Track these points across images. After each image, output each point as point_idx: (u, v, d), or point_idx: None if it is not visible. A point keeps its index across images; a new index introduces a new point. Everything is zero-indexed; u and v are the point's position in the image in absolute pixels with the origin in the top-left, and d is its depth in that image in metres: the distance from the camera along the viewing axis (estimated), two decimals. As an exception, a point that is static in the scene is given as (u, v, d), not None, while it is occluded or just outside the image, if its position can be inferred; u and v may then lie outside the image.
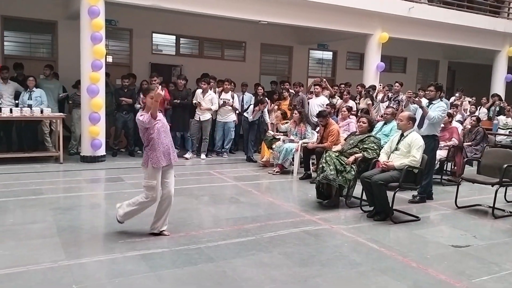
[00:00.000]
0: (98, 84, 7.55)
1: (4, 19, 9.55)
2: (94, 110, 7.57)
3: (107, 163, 7.80)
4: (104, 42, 7.62)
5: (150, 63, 11.13)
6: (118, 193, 5.76)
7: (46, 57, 10.25)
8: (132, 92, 8.61)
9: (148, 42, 11.21)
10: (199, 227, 4.51)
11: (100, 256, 3.64)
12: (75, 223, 4.46)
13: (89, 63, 7.46)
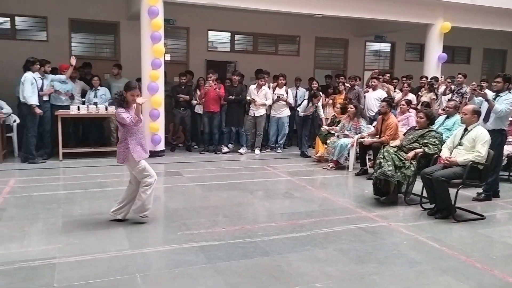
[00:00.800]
0: (158, 82, 7.85)
1: (71, 22, 10.16)
2: (154, 107, 7.88)
3: (166, 158, 8.10)
4: (163, 41, 7.90)
5: (206, 60, 11.38)
6: (176, 186, 5.98)
7: (109, 56, 10.80)
8: (189, 89, 8.85)
9: (204, 40, 11.46)
10: (254, 221, 4.57)
11: (161, 246, 3.81)
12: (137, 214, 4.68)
13: (149, 61, 7.77)
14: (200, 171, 7.05)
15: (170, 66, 9.84)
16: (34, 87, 6.98)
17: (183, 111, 8.74)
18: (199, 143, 9.24)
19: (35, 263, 3.32)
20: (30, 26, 10.17)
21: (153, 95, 7.83)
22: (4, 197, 5.13)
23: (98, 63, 9.93)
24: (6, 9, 9.52)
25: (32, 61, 7.06)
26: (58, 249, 3.60)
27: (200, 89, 8.68)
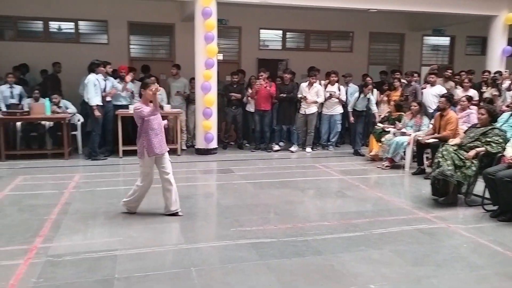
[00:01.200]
0: (211, 81, 8.02)
1: (130, 25, 10.61)
2: (207, 105, 8.05)
3: (218, 156, 8.25)
4: (216, 41, 8.05)
5: (257, 59, 11.46)
6: (228, 183, 6.09)
7: (165, 57, 11.16)
8: (241, 88, 8.95)
9: (256, 38, 11.54)
10: (306, 219, 4.56)
11: (214, 242, 3.90)
12: (192, 210, 4.83)
13: (203, 61, 7.95)
14: (251, 169, 7.12)
15: (222, 65, 9.99)
16: (97, 88, 7.36)
17: (235, 110, 8.85)
18: (250, 141, 9.32)
19: (98, 255, 3.51)
20: (92, 30, 10.74)
21: (205, 94, 8.01)
22: (70, 192, 5.47)
23: (154, 64, 10.29)
24: (70, 14, 10.12)
25: (97, 63, 7.44)
26: (119, 242, 3.80)
27: (251, 88, 8.76)
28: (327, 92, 8.69)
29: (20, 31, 10.19)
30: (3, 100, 7.93)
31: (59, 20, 10.34)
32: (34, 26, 10.33)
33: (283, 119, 8.72)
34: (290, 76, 8.76)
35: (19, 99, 8.06)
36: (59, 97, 8.00)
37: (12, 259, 3.39)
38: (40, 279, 3.07)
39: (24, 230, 4.05)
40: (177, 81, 8.84)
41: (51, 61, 9.44)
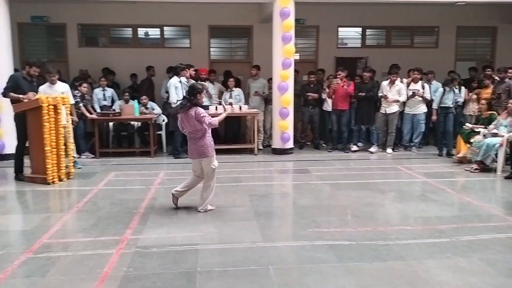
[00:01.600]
0: (288, 82, 8.05)
1: (211, 28, 11.00)
2: (284, 105, 8.10)
3: (294, 156, 8.26)
4: (293, 41, 8.06)
5: (335, 57, 11.27)
6: (305, 184, 6.07)
7: (243, 59, 11.41)
8: (318, 88, 8.88)
9: (334, 37, 11.36)
10: (387, 223, 4.40)
11: (292, 242, 3.91)
12: (269, 209, 4.89)
13: (280, 62, 8.01)
14: (328, 169, 7.04)
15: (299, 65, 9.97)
16: (179, 90, 7.74)
17: (312, 110, 8.80)
18: (327, 141, 9.22)
19: (181, 248, 3.70)
20: (176, 34, 11.31)
21: (282, 94, 8.05)
22: (156, 188, 5.81)
23: (233, 66, 10.58)
24: (156, 21, 10.74)
25: (182, 67, 7.81)
26: (200, 237, 3.96)
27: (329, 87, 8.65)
28: (409, 90, 8.31)
29: (112, 37, 11.02)
30: (97, 102, 8.64)
31: (146, 27, 11.03)
32: (124, 33, 11.12)
33: (362, 118, 8.50)
34: (370, 74, 8.51)
35: (111, 101, 8.75)
36: (147, 99, 8.53)
37: (106, 249, 3.69)
38: (130, 269, 3.30)
39: (116, 222, 4.38)
40: (257, 82, 9.00)
41: (139, 66, 10.10)
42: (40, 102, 5.73)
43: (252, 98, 8.96)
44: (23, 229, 4.26)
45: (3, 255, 3.55)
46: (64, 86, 6.85)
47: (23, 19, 10.18)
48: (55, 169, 5.99)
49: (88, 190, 5.65)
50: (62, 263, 3.40)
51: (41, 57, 10.13)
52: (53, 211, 4.98)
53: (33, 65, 6.16)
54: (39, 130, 5.81)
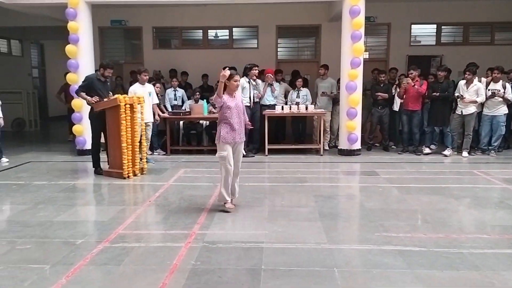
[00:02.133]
0: (356, 81, 7.87)
1: (278, 28, 11.06)
2: (352, 105, 7.93)
3: (362, 157, 8.07)
4: (363, 39, 7.87)
5: (407, 56, 10.83)
6: (373, 186, 5.90)
7: (310, 58, 11.34)
8: (388, 87, 8.59)
9: (406, 35, 10.91)
10: (461, 230, 4.16)
11: (357, 245, 3.82)
12: (334, 210, 4.83)
13: (348, 61, 7.85)
14: (398, 172, 6.79)
15: (369, 64, 9.72)
16: (246, 90, 7.88)
17: (381, 110, 8.54)
18: (397, 142, 8.90)
19: (246, 245, 3.76)
20: (244, 35, 11.51)
21: (350, 94, 7.89)
22: (222, 185, 5.96)
23: (300, 66, 10.54)
24: (225, 22, 11.00)
25: (249, 67, 7.98)
26: (264, 235, 4.00)
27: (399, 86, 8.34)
28: (489, 90, 7.77)
29: (184, 39, 11.47)
30: (168, 102, 9.04)
31: (216, 28, 11.34)
32: (195, 34, 11.52)
33: (436, 120, 8.08)
34: (445, 73, 8.07)
35: (181, 101, 9.11)
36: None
37: (175, 242, 3.85)
38: (198, 262, 3.42)
39: (185, 217, 4.56)
40: (324, 82, 8.90)
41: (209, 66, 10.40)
42: (118, 102, 6.11)
43: (319, 98, 8.88)
44: (101, 220, 4.57)
45: (83, 244, 3.83)
46: (151, 86, 7.43)
47: (103, 23, 10.94)
48: (130, 164, 6.37)
49: (159, 186, 5.94)
50: (135, 254, 3.61)
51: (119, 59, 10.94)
52: (128, 204, 5.29)
53: (107, 67, 6.59)
54: (117, 127, 6.21)
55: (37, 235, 4.04)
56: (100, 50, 10.95)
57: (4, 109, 7.81)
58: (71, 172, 6.98)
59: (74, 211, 4.88)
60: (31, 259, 3.51)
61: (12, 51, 14.09)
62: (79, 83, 7.86)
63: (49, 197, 5.39)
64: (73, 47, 8.01)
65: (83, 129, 8.11)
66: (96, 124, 6.54)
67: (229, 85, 4.64)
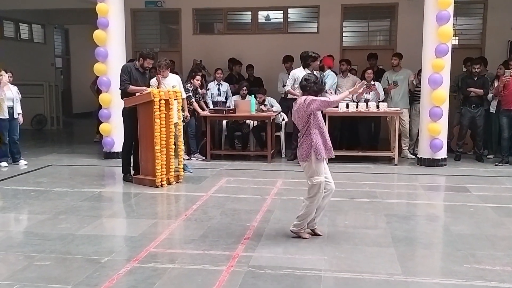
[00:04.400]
0: (442, 73, 7.66)
1: (344, 9, 10.98)
2: (436, 104, 7.72)
3: (448, 168, 7.85)
4: (451, 21, 7.65)
5: (509, 42, 10.42)
6: (461, 206, 5.72)
7: (384, 45, 11.18)
8: (484, 81, 8.29)
9: (508, 15, 10.48)
10: None
11: (441, 278, 3.71)
12: (411, 234, 4.71)
13: (432, 48, 7.65)
14: (494, 189, 6.53)
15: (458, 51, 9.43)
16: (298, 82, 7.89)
17: (474, 110, 8.26)
18: (494, 151, 8.60)
19: (301, 272, 3.75)
20: (302, 17, 11.53)
21: (434, 90, 7.68)
22: (272, 199, 6.00)
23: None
24: (279, 2, 11.07)
25: (314, 56, 7.76)
26: (323, 261, 3.98)
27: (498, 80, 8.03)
28: None
29: (229, 23, 11.66)
30: (210, 98, 9.21)
31: (268, 9, 11.44)
32: (243, 17, 11.68)
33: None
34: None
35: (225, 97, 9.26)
36: (264, 96, 8.83)
37: (215, 264, 3.92)
38: (241, 290, 3.47)
39: (226, 235, 4.63)
40: (398, 74, 8.72)
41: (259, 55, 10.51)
42: (152, 96, 6.31)
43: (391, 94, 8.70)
44: (130, 235, 4.73)
45: (109, 262, 3.99)
46: (176, 78, 7.43)
47: (137, 5, 11.36)
48: (164, 171, 6.55)
49: (197, 197, 6.06)
50: (168, 276, 3.71)
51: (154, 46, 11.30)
52: (161, 217, 5.44)
53: (147, 57, 6.79)
54: (150, 127, 6.41)
55: (57, 250, 4.24)
56: (132, 37, 11.37)
57: (24, 104, 8.32)
58: (97, 178, 7.29)
59: (99, 223, 5.09)
60: (51, 277, 3.69)
61: (34, 37, 14.88)
62: (109, 74, 8.20)
63: (71, 206, 5.65)
64: (102, 33, 8.37)
65: (111, 128, 8.45)
66: (130, 123, 6.78)
67: None
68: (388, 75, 8.88)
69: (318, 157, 4.31)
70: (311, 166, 4.37)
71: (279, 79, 9.66)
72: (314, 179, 4.37)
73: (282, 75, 9.56)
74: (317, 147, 4.32)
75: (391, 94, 8.72)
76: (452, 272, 3.79)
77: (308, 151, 4.35)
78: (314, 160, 4.33)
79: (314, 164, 4.35)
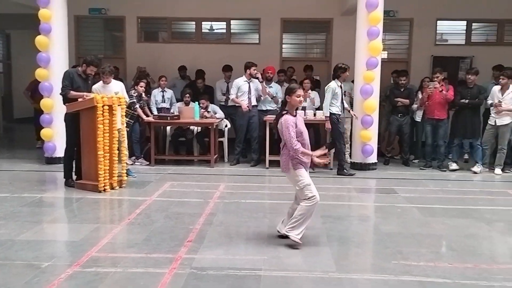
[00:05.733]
0: (373, 84, 7.90)
1: (284, 22, 11.13)
2: (367, 112, 7.95)
3: (378, 172, 8.09)
4: (381, 36, 7.92)
5: (432, 56, 10.93)
6: (390, 206, 5.90)
7: (320, 57, 11.41)
8: (409, 92, 8.63)
9: (431, 32, 11.01)
10: (492, 260, 4.15)
11: (371, 274, 3.81)
12: (345, 234, 4.81)
13: (364, 61, 7.89)
14: (419, 191, 6.79)
15: (387, 65, 9.77)
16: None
17: (401, 118, 8.57)
18: (419, 156, 8.94)
19: (242, 272, 3.74)
20: (244, 29, 11.59)
21: (366, 99, 7.92)
22: (215, 202, 5.95)
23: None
24: (222, 13, 11.07)
25: (344, 68, 7.64)
26: (263, 261, 3.98)
27: (422, 92, 8.39)
28: (527, 97, 7.82)
29: (174, 32, 11.53)
30: (154, 104, 9.05)
31: (211, 20, 11.41)
32: (187, 27, 11.58)
33: (464, 131, 8.11)
34: (475, 77, 8.11)
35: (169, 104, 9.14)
36: (207, 102, 8.79)
37: (158, 267, 3.83)
38: (184, 291, 3.41)
39: (169, 238, 4.54)
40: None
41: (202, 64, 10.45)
42: (95, 102, 6.12)
43: None
44: (71, 240, 4.54)
45: (50, 267, 3.81)
46: (119, 85, 7.23)
47: (80, 12, 11.01)
48: (107, 176, 6.35)
49: (141, 201, 5.92)
50: (110, 280, 3.58)
51: (98, 53, 10.98)
52: (103, 222, 5.26)
53: (90, 64, 6.58)
54: (92, 132, 6.21)
55: (-5, 256, 4.01)
56: (76, 42, 11.00)
57: (-38, 109, 7.82)
58: (38, 184, 6.97)
59: (40, 229, 4.85)
60: (-12, 284, 3.48)
61: (-27, 42, 14.13)
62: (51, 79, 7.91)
63: (11, 212, 5.37)
64: (44, 38, 8.04)
65: (52, 134, 8.12)
66: (72, 128, 6.53)
67: (291, 101, 4.37)
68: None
69: (296, 167, 4.30)
70: (292, 175, 4.35)
71: (217, 87, 9.68)
72: (300, 183, 4.31)
73: (219, 84, 9.59)
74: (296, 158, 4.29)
75: None
76: (382, 269, 3.90)
77: (288, 161, 4.33)
78: (292, 169, 4.32)
79: (295, 172, 4.32)
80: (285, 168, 4.38)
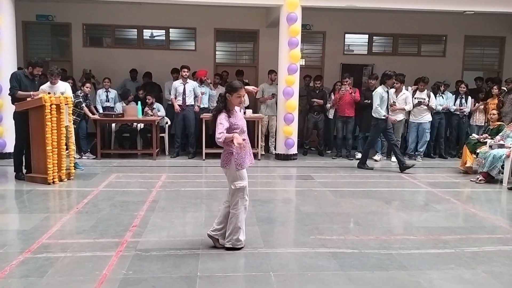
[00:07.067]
0: (293, 87, 8.06)
1: (217, 31, 11.04)
2: (289, 111, 8.10)
3: (298, 161, 8.26)
4: (299, 46, 8.08)
5: (341, 64, 11.30)
6: (308, 190, 6.06)
7: (248, 63, 11.45)
8: (323, 94, 8.89)
9: (340, 43, 11.38)
10: (390, 232, 4.38)
11: (293, 248, 3.90)
12: (271, 215, 4.88)
13: (286, 67, 8.02)
14: (332, 177, 7.03)
15: (305, 70, 10.00)
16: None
17: (317, 116, 8.82)
18: (331, 148, 9.24)
19: (182, 252, 3.69)
20: (182, 37, 11.36)
21: (287, 100, 8.06)
22: (157, 190, 5.81)
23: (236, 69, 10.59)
24: (162, 22, 10.78)
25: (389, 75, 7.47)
26: (201, 241, 3.95)
27: (335, 93, 8.67)
28: (415, 99, 8.32)
29: (117, 38, 11.07)
30: (99, 103, 8.68)
31: (151, 28, 11.08)
32: (129, 33, 11.16)
33: (367, 126, 8.48)
34: (376, 82, 8.52)
35: (113, 103, 8.79)
36: (152, 98, 8.53)
37: (105, 251, 3.69)
38: (129, 272, 3.30)
39: (115, 224, 4.38)
40: (271, 87, 8.88)
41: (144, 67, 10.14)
42: (43, 101, 5.75)
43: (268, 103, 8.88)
44: (22, 228, 4.26)
45: (1, 255, 3.55)
46: (64, 85, 6.83)
47: (28, 18, 10.28)
48: (56, 169, 6.01)
49: (88, 191, 5.66)
50: (60, 264, 3.41)
51: (45, 56, 10.33)
52: (53, 211, 4.98)
53: (35, 65, 6.18)
54: (41, 129, 5.84)
55: None
56: (24, 47, 10.27)
57: None
58: (-12, 178, 6.46)
59: (-10, 220, 4.51)
60: None
61: None
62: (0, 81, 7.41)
63: (-39, 205, 4.94)
64: (-8, 42, 7.43)
65: (2, 131, 7.55)
66: (21, 125, 6.10)
67: (231, 100, 3.68)
68: (264, 87, 8.94)
69: (238, 167, 3.66)
70: (232, 172, 3.70)
71: (165, 87, 9.42)
72: (237, 183, 3.67)
73: (168, 84, 9.33)
74: (238, 156, 3.65)
75: (267, 103, 8.90)
76: (302, 243, 4.00)
77: (228, 158, 3.69)
78: (234, 167, 3.68)
79: (236, 172, 3.68)
80: (225, 163, 3.71)
